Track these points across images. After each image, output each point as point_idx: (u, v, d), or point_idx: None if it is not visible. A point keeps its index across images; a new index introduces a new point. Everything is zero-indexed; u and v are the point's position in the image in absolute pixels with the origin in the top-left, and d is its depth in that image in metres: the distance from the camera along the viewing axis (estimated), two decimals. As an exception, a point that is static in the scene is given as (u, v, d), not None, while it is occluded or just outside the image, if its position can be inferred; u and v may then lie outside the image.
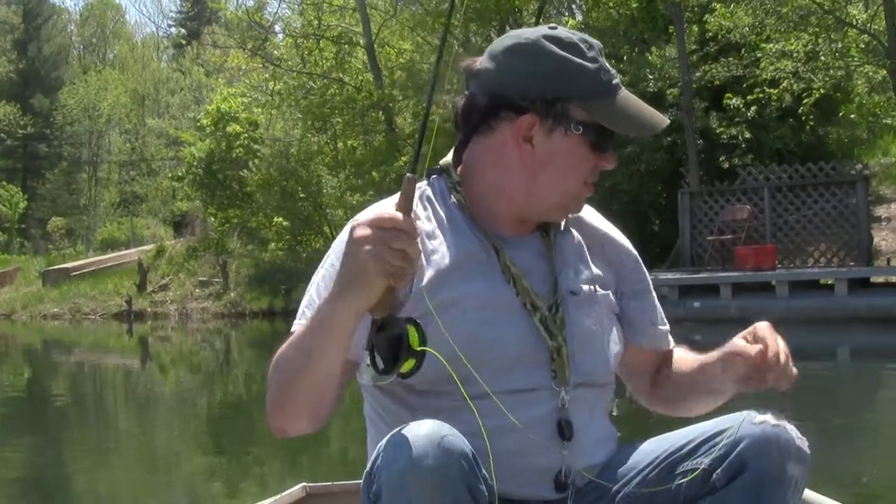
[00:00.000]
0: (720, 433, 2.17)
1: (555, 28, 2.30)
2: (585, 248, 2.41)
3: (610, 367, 2.38)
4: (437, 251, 2.26)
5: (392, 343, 1.92)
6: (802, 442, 2.14)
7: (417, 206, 2.28)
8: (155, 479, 8.43)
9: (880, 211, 24.90)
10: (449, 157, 2.40)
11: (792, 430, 2.14)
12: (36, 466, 8.99)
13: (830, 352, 15.67)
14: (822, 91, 21.92)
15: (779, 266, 20.40)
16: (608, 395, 2.41)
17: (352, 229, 1.94)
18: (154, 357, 22.31)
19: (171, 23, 76.81)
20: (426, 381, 2.15)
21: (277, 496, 3.18)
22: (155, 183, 55.04)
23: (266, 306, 30.62)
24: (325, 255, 2.33)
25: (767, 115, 23.33)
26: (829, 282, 19.15)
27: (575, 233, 2.42)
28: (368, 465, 1.98)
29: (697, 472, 2.16)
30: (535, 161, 2.26)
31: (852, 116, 24.14)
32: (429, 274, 2.22)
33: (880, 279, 19.85)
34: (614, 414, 2.47)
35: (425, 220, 2.29)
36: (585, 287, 2.34)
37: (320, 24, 31.42)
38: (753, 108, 22.64)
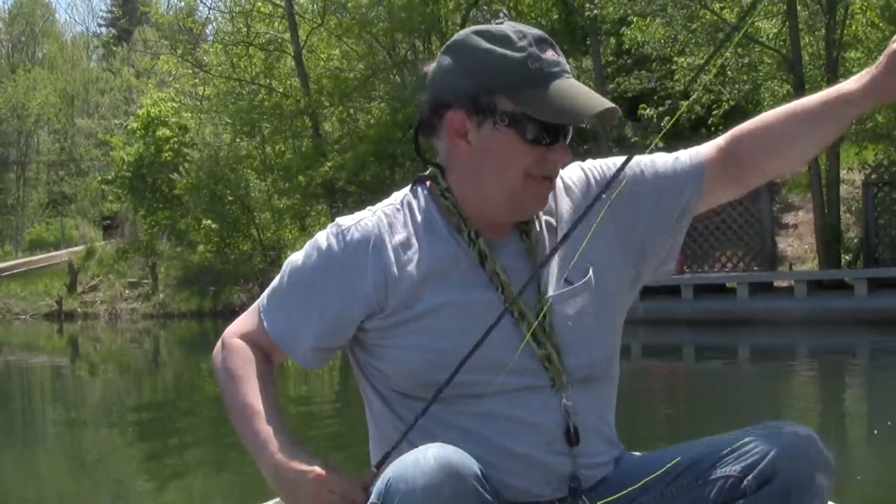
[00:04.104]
0: (749, 442, 2.16)
1: (500, 22, 2.22)
2: (565, 226, 2.30)
3: (608, 355, 2.31)
4: (412, 261, 2.21)
5: None
6: (829, 454, 2.15)
7: (397, 213, 2.28)
8: (153, 482, 8.29)
9: (788, 218, 25.70)
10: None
11: (820, 442, 2.14)
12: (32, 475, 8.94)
13: (732, 351, 16.55)
14: (730, 103, 22.76)
15: (687, 271, 21.26)
16: (611, 387, 2.36)
17: (316, 489, 2.10)
18: (131, 356, 22.46)
19: (101, 22, 76.07)
20: (414, 387, 2.19)
21: (278, 497, 3.38)
22: (84, 184, 54.66)
23: (195, 307, 31.01)
24: (286, 269, 2.33)
25: (681, 125, 24.13)
26: (734, 285, 20.05)
27: (552, 218, 2.33)
28: (374, 496, 1.97)
29: (729, 478, 2.14)
30: (475, 158, 2.21)
31: (762, 127, 24.93)
32: (403, 286, 2.19)
33: (784, 283, 20.70)
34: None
35: (400, 228, 2.25)
36: (574, 278, 2.26)
37: (249, 31, 31.78)
38: (666, 118, 23.40)
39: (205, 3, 34.83)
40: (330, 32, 30.65)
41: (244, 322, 2.39)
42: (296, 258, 2.32)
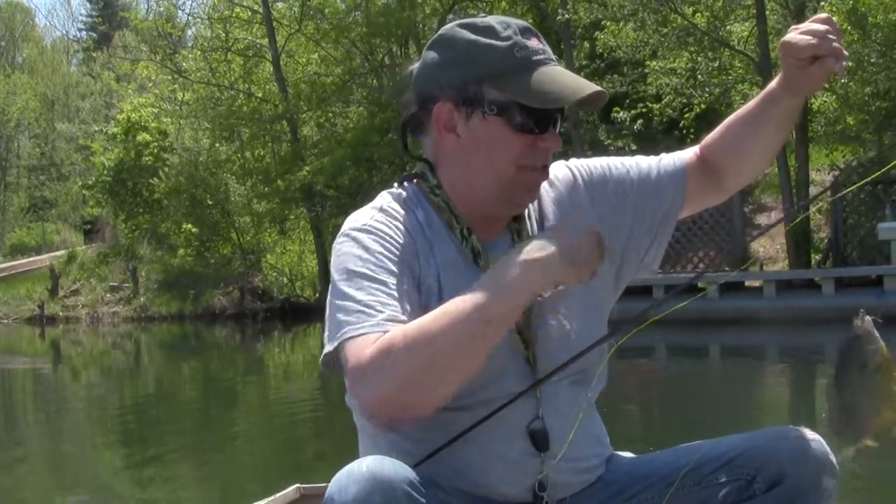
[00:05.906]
0: (757, 445, 2.20)
1: (484, 16, 2.22)
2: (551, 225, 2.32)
3: (598, 353, 2.27)
4: (415, 261, 2.16)
5: None
6: (834, 457, 2.17)
7: (398, 212, 2.22)
8: (149, 481, 8.35)
9: (761, 219, 25.86)
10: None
11: (826, 445, 2.17)
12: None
13: (703, 350, 16.82)
14: (701, 106, 23.07)
15: (658, 272, 21.45)
16: (593, 385, 2.33)
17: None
18: (125, 360, 22.62)
19: (81, 27, 75.80)
20: None
21: (272, 497, 3.22)
22: (65, 188, 54.63)
23: (176, 310, 31.13)
24: (342, 267, 2.13)
25: (654, 127, 24.41)
26: (705, 285, 20.26)
27: (540, 217, 2.34)
28: None
29: (739, 481, 2.18)
30: (464, 150, 2.19)
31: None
32: (410, 286, 2.14)
33: (755, 283, 20.98)
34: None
35: (407, 227, 2.20)
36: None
37: (228, 37, 31.97)
38: (640, 121, 23.76)
39: (183, 10, 34.98)
40: (308, 38, 30.79)
41: (357, 352, 2.02)
42: (340, 286, 2.11)
